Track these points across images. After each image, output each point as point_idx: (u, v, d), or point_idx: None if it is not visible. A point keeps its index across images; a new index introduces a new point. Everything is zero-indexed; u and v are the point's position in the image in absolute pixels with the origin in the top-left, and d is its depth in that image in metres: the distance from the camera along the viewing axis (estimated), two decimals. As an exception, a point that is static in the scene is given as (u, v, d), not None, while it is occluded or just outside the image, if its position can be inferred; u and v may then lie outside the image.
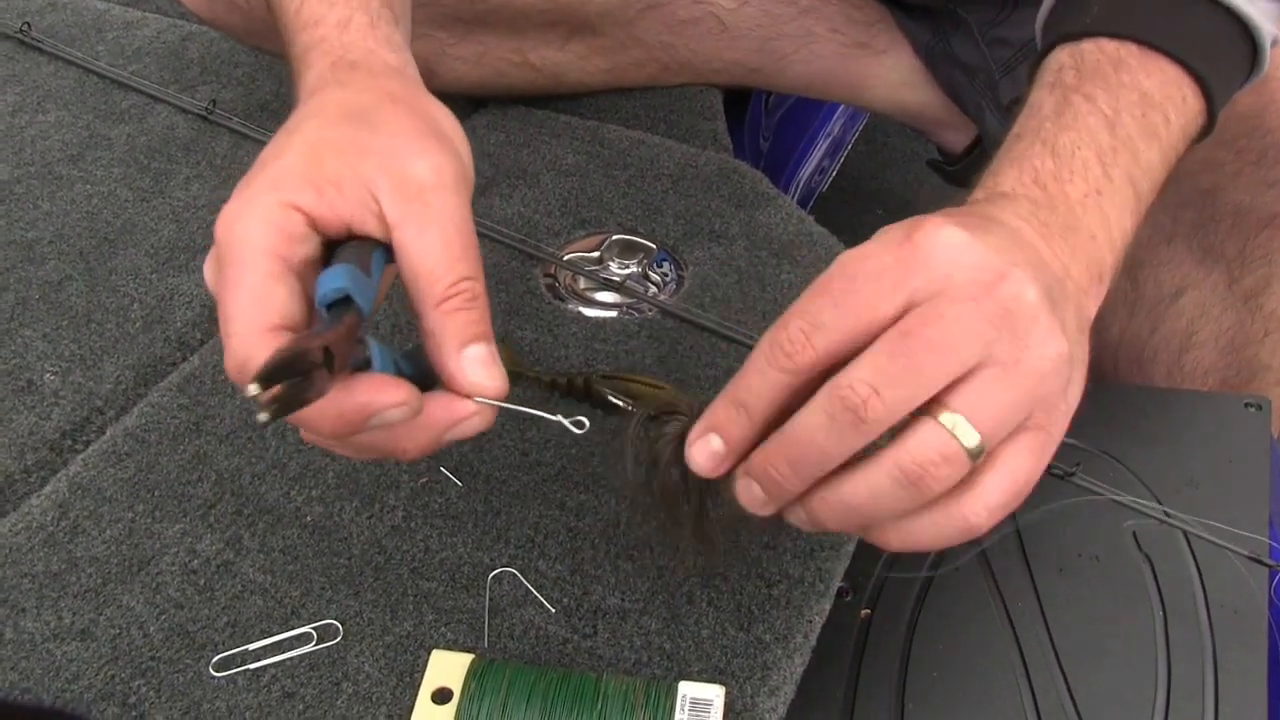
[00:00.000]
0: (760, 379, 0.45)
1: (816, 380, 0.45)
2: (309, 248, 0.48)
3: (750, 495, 0.48)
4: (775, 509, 0.48)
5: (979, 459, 0.44)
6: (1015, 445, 0.45)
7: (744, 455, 0.47)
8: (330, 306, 0.46)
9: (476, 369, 0.48)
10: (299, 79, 0.59)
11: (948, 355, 0.43)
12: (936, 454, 0.44)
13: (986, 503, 0.45)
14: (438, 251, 0.48)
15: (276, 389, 0.42)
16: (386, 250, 0.49)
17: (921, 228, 0.45)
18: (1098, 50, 0.60)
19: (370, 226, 0.49)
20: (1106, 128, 0.56)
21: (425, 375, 0.48)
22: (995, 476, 0.45)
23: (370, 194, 0.49)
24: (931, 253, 0.45)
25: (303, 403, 0.43)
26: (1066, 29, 0.62)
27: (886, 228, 0.46)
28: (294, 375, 0.42)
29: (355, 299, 0.45)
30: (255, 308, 0.46)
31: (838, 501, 0.46)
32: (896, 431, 0.44)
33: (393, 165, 0.49)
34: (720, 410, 0.47)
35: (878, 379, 0.43)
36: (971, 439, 0.44)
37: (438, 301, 0.47)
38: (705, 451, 0.48)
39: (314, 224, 0.48)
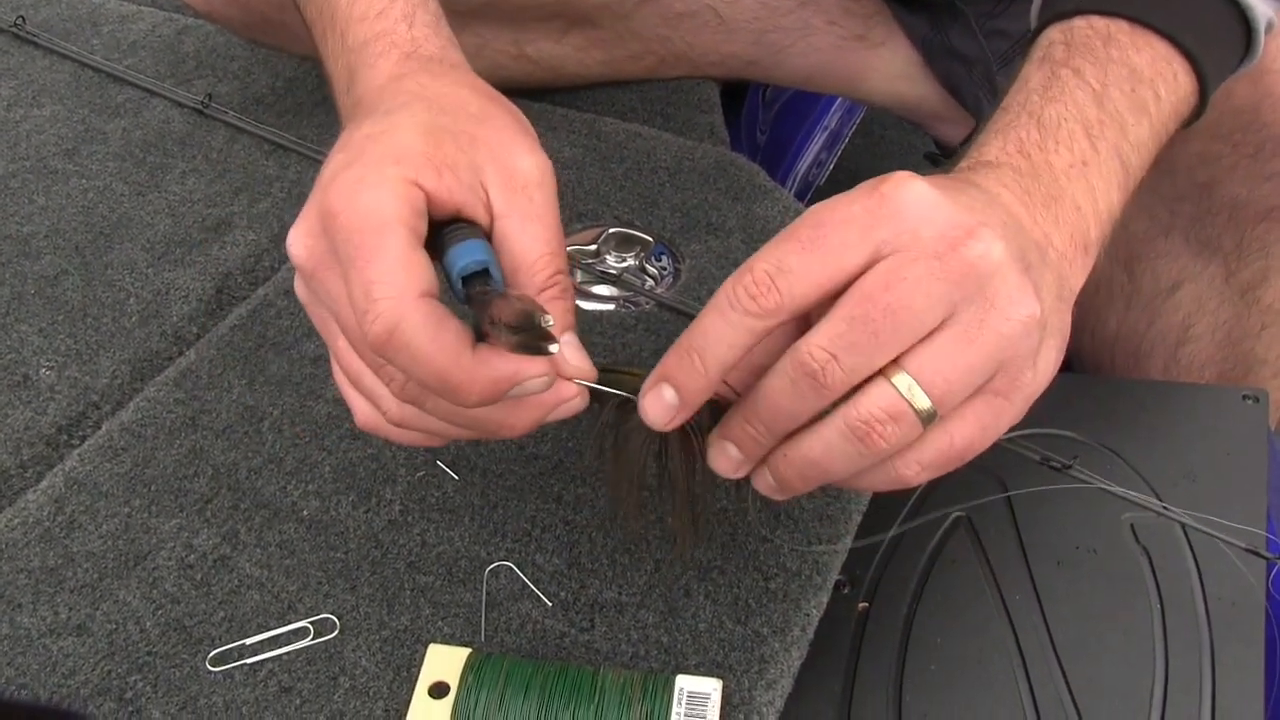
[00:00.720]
0: (719, 324, 0.45)
1: (777, 336, 0.46)
2: (425, 227, 0.49)
3: (726, 457, 0.49)
4: (746, 471, 0.49)
5: (931, 421, 0.45)
6: (964, 409, 0.46)
7: (695, 408, 0.47)
8: (466, 280, 0.48)
9: (575, 353, 0.50)
10: (363, 68, 0.58)
11: (907, 320, 0.43)
12: (884, 413, 0.44)
13: (920, 459, 0.46)
14: (540, 245, 0.50)
15: (520, 338, 0.45)
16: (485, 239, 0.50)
17: (890, 180, 0.45)
18: (1088, 26, 0.60)
19: (478, 213, 0.50)
20: (1094, 101, 0.56)
21: None
22: (934, 435, 0.46)
23: (480, 182, 0.50)
24: (900, 205, 0.44)
25: (538, 352, 0.46)
26: (1059, 7, 0.62)
27: (857, 186, 0.46)
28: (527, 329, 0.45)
29: (491, 272, 0.48)
30: (405, 274, 0.46)
31: (798, 457, 0.47)
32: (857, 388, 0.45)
33: (501, 157, 0.51)
34: (673, 358, 0.47)
35: (836, 345, 0.43)
36: (923, 402, 0.44)
37: (538, 290, 0.49)
38: (658, 404, 0.47)
39: (431, 204, 0.49)
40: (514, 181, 0.50)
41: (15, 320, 0.78)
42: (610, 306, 0.79)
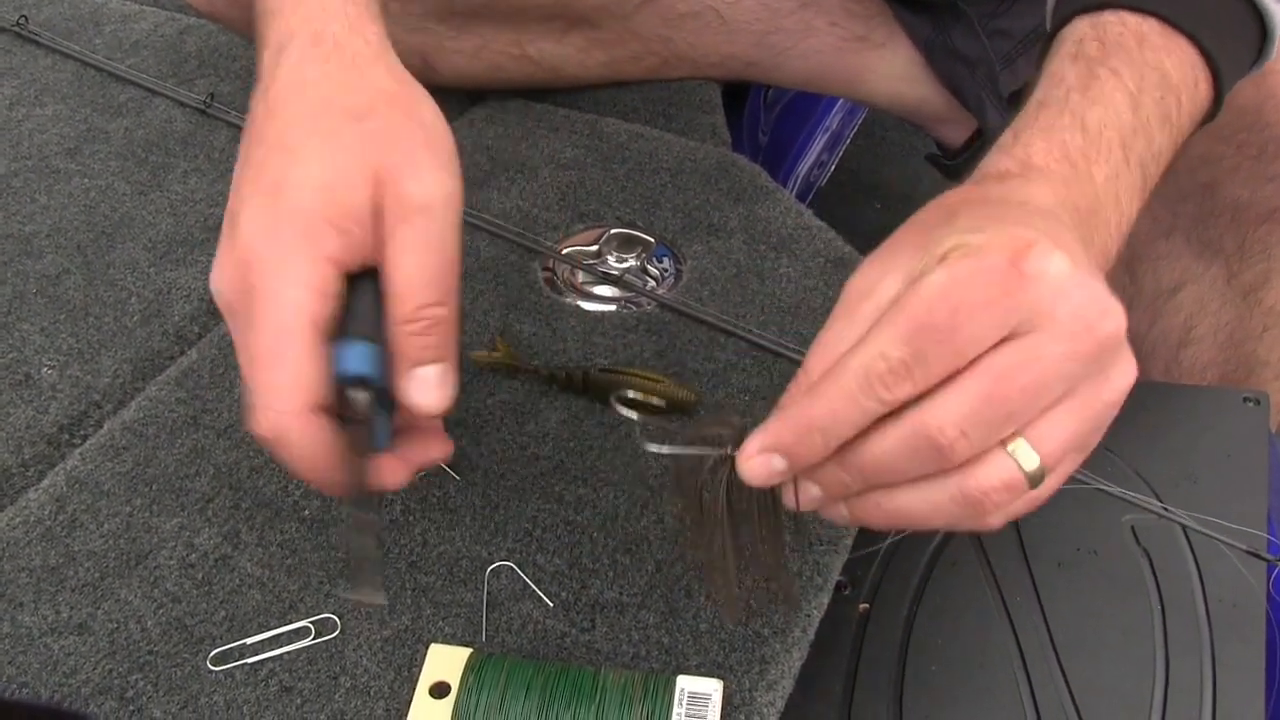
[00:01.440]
0: (849, 409, 0.44)
1: None
2: (337, 302, 0.50)
3: (807, 497, 0.48)
4: (822, 506, 0.48)
5: (1038, 485, 0.45)
6: (1058, 468, 0.46)
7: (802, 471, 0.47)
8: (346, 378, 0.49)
9: (419, 389, 0.51)
10: (268, 30, 0.57)
11: (1040, 398, 0.43)
12: (1002, 484, 0.44)
13: (1009, 512, 0.46)
14: (412, 274, 0.50)
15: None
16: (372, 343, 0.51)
17: (1029, 256, 0.43)
18: (1120, 23, 0.59)
19: (378, 253, 0.51)
20: (1131, 107, 0.56)
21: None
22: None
23: (377, 217, 0.50)
24: (1041, 287, 0.43)
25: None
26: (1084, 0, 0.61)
27: (983, 239, 0.44)
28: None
29: (374, 382, 0.50)
30: (296, 389, 0.48)
31: (893, 509, 0.46)
32: None
33: (393, 183, 0.50)
34: (790, 433, 0.45)
35: (969, 423, 0.42)
36: (1033, 466, 0.44)
37: (401, 321, 0.50)
38: (765, 469, 0.46)
39: (341, 270, 0.50)
40: (402, 208, 0.50)
41: (17, 319, 0.78)
42: (612, 307, 0.79)
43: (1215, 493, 0.69)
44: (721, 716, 0.54)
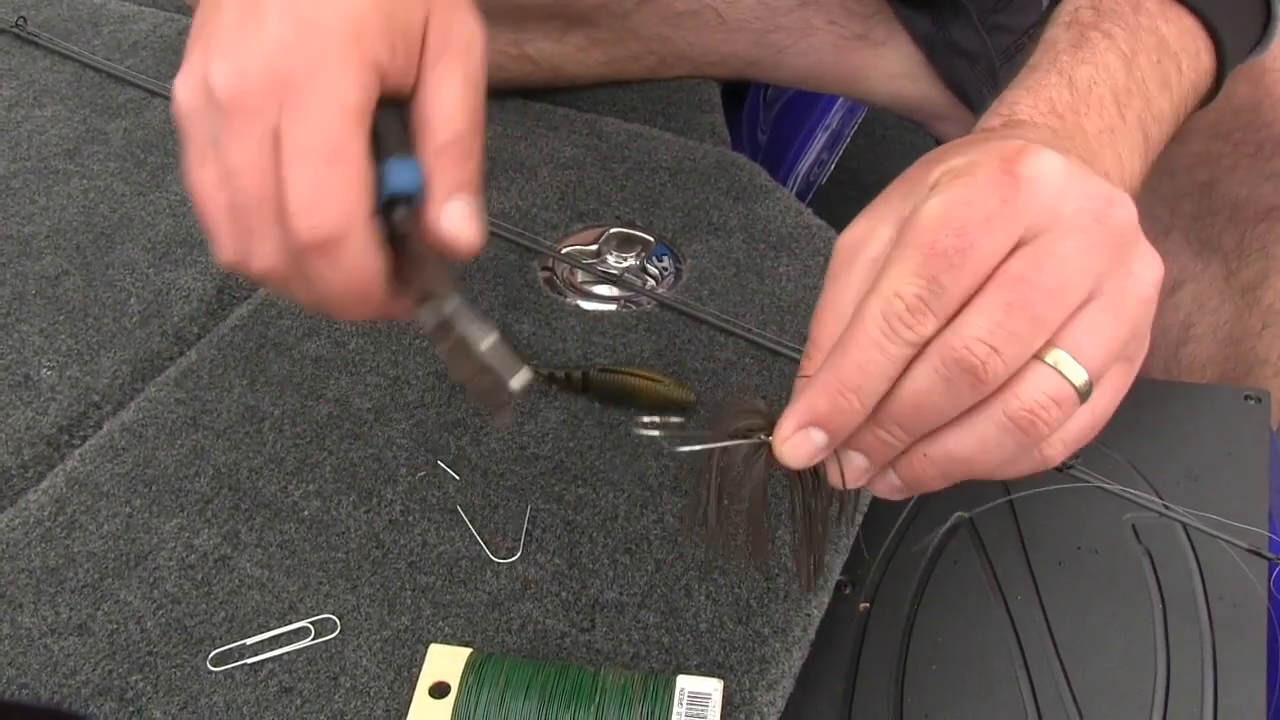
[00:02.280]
0: (877, 358, 0.42)
1: None
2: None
3: (852, 468, 0.46)
4: (869, 480, 0.46)
5: (1088, 396, 0.42)
6: (1104, 379, 0.44)
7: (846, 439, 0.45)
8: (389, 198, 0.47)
9: (454, 216, 0.48)
10: None
11: (1064, 298, 0.41)
12: (1049, 399, 0.42)
13: (1064, 437, 0.44)
14: (450, 106, 0.48)
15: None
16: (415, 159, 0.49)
17: (1021, 159, 0.42)
18: None
19: (411, 77, 0.49)
20: (1124, 67, 0.55)
21: None
22: (1079, 410, 0.43)
23: (418, 41, 0.48)
24: (1038, 186, 0.42)
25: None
26: None
27: (970, 160, 0.43)
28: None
29: (417, 203, 0.48)
30: (360, 191, 0.46)
31: (942, 456, 0.44)
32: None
33: (441, 14, 0.49)
34: (824, 400, 0.43)
35: (996, 336, 0.41)
36: (1080, 377, 0.42)
37: (435, 149, 0.48)
38: (806, 448, 0.44)
39: (381, 86, 0.47)
40: (446, 43, 0.49)
41: (16, 320, 0.78)
42: (611, 307, 0.79)
43: (1216, 491, 0.69)
44: (722, 716, 0.54)
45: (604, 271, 0.81)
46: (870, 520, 0.65)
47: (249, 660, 0.58)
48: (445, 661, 0.56)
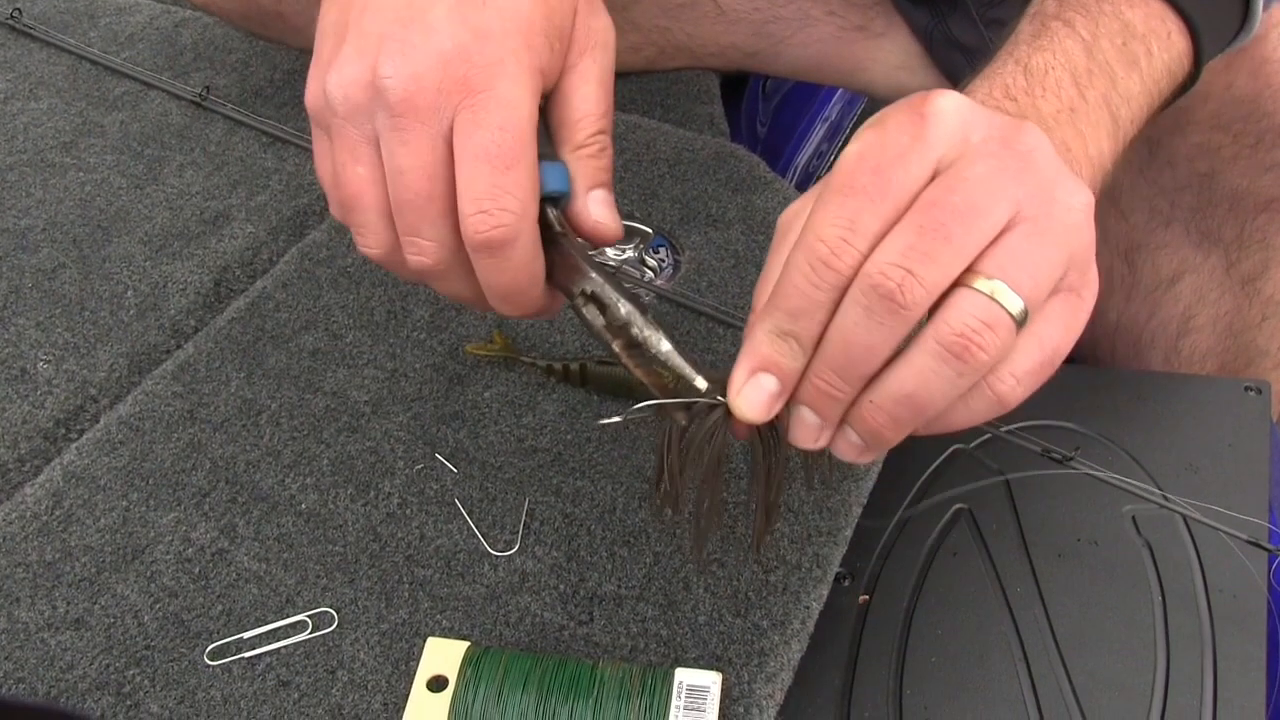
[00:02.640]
0: (806, 297, 0.43)
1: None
2: None
3: (804, 426, 0.46)
4: (829, 435, 0.46)
5: (1024, 323, 0.42)
6: (1046, 310, 0.44)
7: (794, 388, 0.45)
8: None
9: (599, 208, 0.52)
10: None
11: (978, 218, 0.41)
12: (978, 321, 0.41)
13: (1014, 371, 0.43)
14: (590, 104, 0.51)
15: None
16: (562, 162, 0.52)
17: (924, 100, 0.44)
18: None
19: (555, 74, 0.51)
20: (1084, 51, 0.56)
21: None
22: (1024, 342, 0.43)
23: (566, 41, 0.50)
24: (944, 119, 0.43)
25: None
26: None
27: (881, 113, 0.45)
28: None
29: (566, 202, 0.52)
30: (534, 191, 0.48)
31: (887, 398, 0.44)
32: (934, 311, 0.42)
33: (585, 13, 0.51)
34: (766, 344, 0.44)
35: (909, 259, 0.41)
36: (1014, 303, 0.42)
37: (577, 146, 0.51)
38: (760, 396, 0.45)
39: (542, 86, 0.50)
40: (589, 40, 0.51)
41: (13, 314, 0.78)
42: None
43: (1216, 482, 0.69)
44: (720, 709, 0.54)
45: (602, 263, 0.81)
46: (869, 512, 0.65)
47: (246, 654, 0.58)
48: (443, 655, 0.56)
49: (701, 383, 0.48)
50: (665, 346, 0.49)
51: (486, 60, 0.47)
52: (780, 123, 1.26)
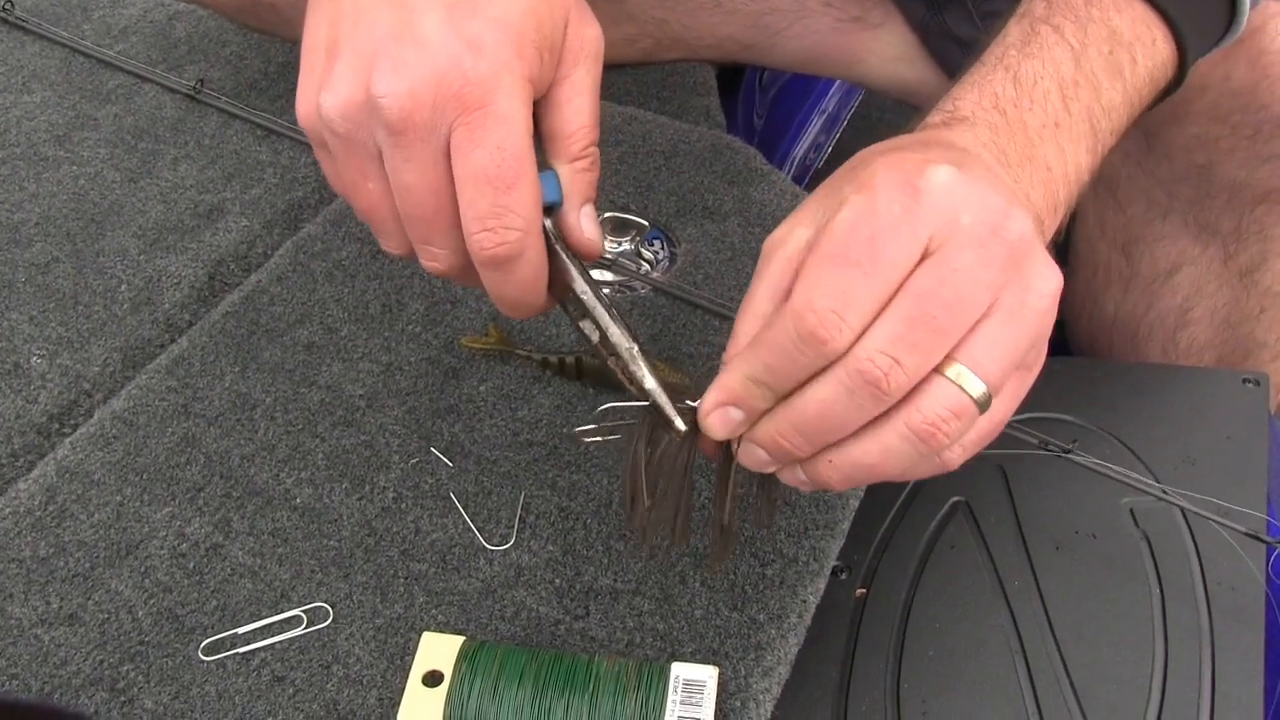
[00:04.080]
0: (789, 360, 0.44)
1: None
2: None
3: (754, 458, 0.48)
4: (775, 469, 0.48)
5: (987, 408, 0.44)
6: (1003, 389, 0.45)
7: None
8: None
9: (590, 223, 0.53)
10: None
11: (963, 311, 0.43)
12: (948, 411, 0.43)
13: (964, 443, 0.45)
14: (582, 117, 0.51)
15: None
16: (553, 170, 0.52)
17: (920, 173, 0.44)
18: None
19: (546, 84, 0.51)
20: (1072, 60, 0.56)
21: None
22: (978, 420, 0.45)
23: (556, 50, 0.50)
24: (937, 196, 0.44)
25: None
26: None
27: (870, 173, 0.45)
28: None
29: (558, 211, 0.52)
30: (536, 206, 0.48)
31: (846, 463, 0.45)
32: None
33: (576, 22, 0.51)
34: (740, 386, 0.46)
35: (898, 349, 0.42)
36: (978, 390, 0.43)
37: (570, 159, 0.51)
38: (725, 421, 0.47)
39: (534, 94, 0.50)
40: (581, 50, 0.51)
41: (6, 308, 0.78)
42: (605, 291, 0.78)
43: (1214, 474, 0.69)
44: (717, 703, 0.54)
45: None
46: (866, 505, 0.65)
47: (241, 649, 0.58)
48: (438, 649, 0.56)
49: (679, 423, 0.50)
50: (650, 384, 0.50)
51: (480, 74, 0.47)
52: (777, 115, 1.26)
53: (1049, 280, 0.45)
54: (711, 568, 0.60)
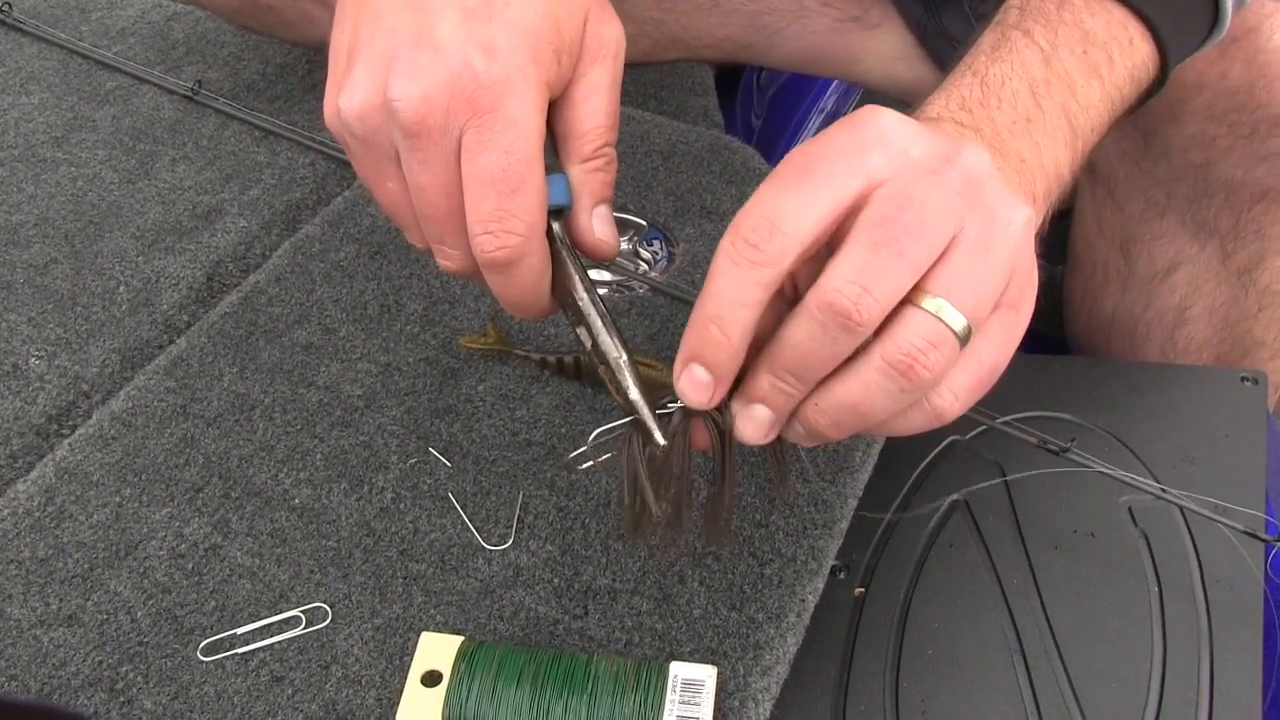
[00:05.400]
0: (728, 285, 0.43)
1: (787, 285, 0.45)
2: None
3: (755, 423, 0.47)
4: (778, 431, 0.47)
5: (968, 340, 0.43)
6: (986, 326, 0.45)
7: (731, 379, 0.46)
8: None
9: (602, 225, 0.52)
10: None
11: (926, 236, 0.42)
12: (925, 341, 0.43)
13: (953, 387, 0.45)
14: (598, 117, 0.51)
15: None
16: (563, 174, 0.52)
17: (863, 112, 0.44)
18: None
19: (562, 86, 0.50)
20: (1042, 60, 0.56)
21: None
22: (964, 360, 0.44)
23: (575, 52, 0.50)
24: (883, 131, 0.44)
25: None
26: None
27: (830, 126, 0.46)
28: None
29: (567, 215, 0.52)
30: (540, 211, 0.48)
31: (833, 405, 0.45)
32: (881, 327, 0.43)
33: (594, 22, 0.51)
34: (693, 335, 0.45)
35: (864, 276, 0.42)
36: (958, 321, 0.43)
37: (583, 159, 0.51)
38: (692, 384, 0.46)
39: (550, 97, 0.50)
40: (599, 50, 0.51)
41: (4, 309, 0.78)
42: (603, 291, 0.79)
43: (1213, 473, 0.69)
44: (716, 703, 0.54)
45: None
46: (865, 504, 0.65)
47: (240, 650, 0.58)
48: (437, 649, 0.56)
49: (659, 436, 0.49)
50: (634, 395, 0.50)
51: (493, 79, 0.47)
52: (775, 115, 1.26)
53: (1016, 209, 0.44)
54: (719, 540, 0.60)
